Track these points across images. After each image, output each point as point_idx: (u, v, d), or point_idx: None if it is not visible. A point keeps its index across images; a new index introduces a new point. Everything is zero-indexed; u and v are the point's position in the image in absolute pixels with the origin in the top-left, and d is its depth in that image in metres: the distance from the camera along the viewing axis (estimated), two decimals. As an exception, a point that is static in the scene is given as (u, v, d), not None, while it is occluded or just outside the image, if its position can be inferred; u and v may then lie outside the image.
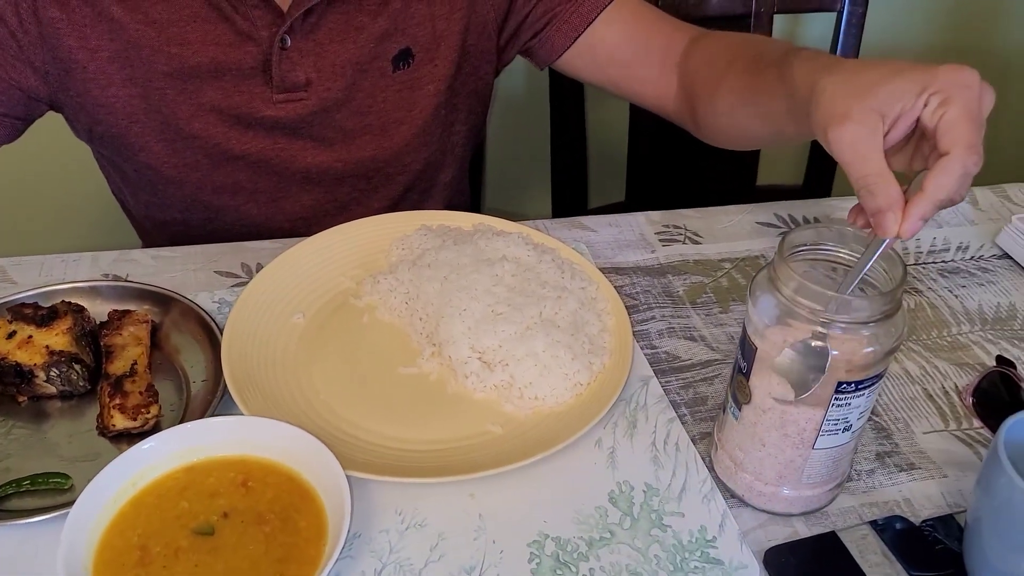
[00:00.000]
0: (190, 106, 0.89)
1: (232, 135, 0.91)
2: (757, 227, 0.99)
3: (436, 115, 0.99)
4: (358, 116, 0.95)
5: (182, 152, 0.91)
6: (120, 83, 0.87)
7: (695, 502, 0.68)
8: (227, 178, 0.94)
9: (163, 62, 0.86)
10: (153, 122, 0.89)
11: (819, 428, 0.61)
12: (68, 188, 1.54)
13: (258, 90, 0.89)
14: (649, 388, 0.77)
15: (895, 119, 0.60)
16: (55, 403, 0.73)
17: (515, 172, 1.70)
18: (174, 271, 0.88)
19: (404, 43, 0.93)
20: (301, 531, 0.60)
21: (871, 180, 0.58)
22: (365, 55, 0.91)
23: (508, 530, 0.65)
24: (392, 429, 0.72)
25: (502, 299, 0.78)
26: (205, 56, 0.86)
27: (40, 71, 0.86)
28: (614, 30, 0.98)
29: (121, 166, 0.96)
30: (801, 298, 0.58)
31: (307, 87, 0.90)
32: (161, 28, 0.85)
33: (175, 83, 0.87)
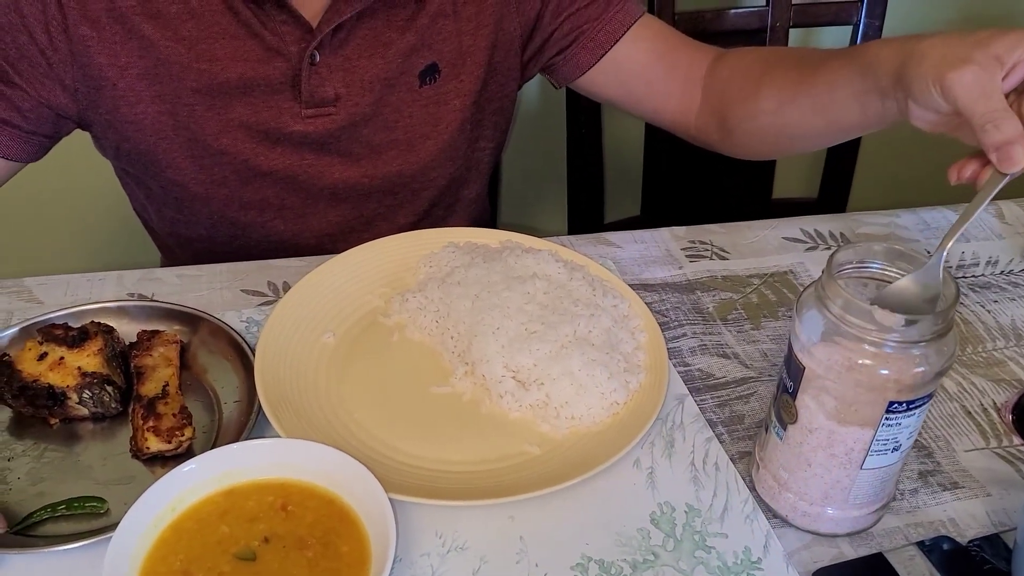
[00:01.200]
0: (218, 122, 0.88)
1: (260, 151, 0.91)
2: (784, 242, 0.98)
3: (462, 130, 0.98)
4: (385, 131, 0.94)
5: (210, 168, 0.91)
6: (149, 100, 0.86)
7: (738, 523, 0.67)
8: (255, 194, 0.94)
9: (192, 78, 0.86)
10: (181, 139, 0.89)
11: (868, 448, 0.60)
12: (88, 206, 1.54)
13: (287, 105, 0.89)
14: (685, 407, 0.76)
15: (1012, 67, 0.63)
16: (87, 425, 0.72)
17: (530, 186, 1.70)
18: (200, 290, 0.87)
19: (431, 58, 0.93)
20: (343, 556, 0.59)
21: (997, 115, 0.61)
22: (393, 70, 0.91)
23: (550, 553, 0.64)
24: (428, 450, 0.71)
25: (535, 317, 0.77)
26: (234, 72, 0.86)
27: (69, 89, 0.85)
28: (640, 47, 0.98)
29: (147, 183, 0.95)
30: (851, 316, 0.57)
31: (336, 102, 0.90)
32: (191, 45, 0.85)
33: (204, 99, 0.87)
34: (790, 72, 0.86)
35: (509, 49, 0.98)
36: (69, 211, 1.56)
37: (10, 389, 0.70)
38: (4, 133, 0.86)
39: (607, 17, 0.97)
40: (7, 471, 0.67)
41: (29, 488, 0.66)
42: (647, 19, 1.00)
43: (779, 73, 0.88)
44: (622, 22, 0.97)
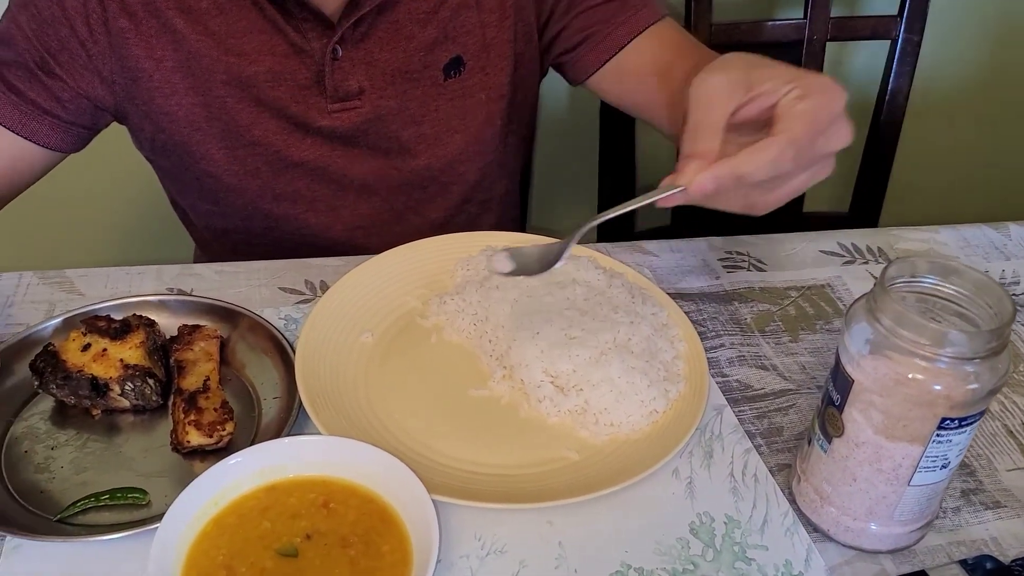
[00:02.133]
0: (250, 114, 0.89)
1: (291, 142, 0.92)
2: (820, 255, 0.98)
3: (490, 124, 0.98)
4: (412, 125, 0.95)
5: (243, 160, 0.92)
6: (183, 92, 0.88)
7: (778, 535, 0.66)
8: (286, 186, 0.94)
9: (222, 71, 0.87)
10: (214, 130, 0.90)
11: (916, 464, 0.60)
12: (126, 200, 1.55)
13: (313, 100, 0.90)
14: (723, 417, 0.76)
15: (758, 95, 0.64)
16: (127, 417, 0.72)
17: (561, 191, 1.70)
18: (239, 286, 0.88)
19: (455, 51, 0.93)
20: (385, 555, 0.59)
21: (702, 127, 0.62)
22: (415, 64, 0.92)
23: (589, 559, 0.64)
24: (466, 452, 0.71)
25: (575, 323, 0.77)
26: (262, 66, 0.87)
27: (107, 80, 0.87)
28: (644, 58, 0.97)
29: (182, 176, 0.96)
30: (904, 330, 0.57)
31: (360, 95, 0.90)
32: (220, 39, 0.86)
33: (234, 92, 0.88)
34: None
35: (530, 39, 0.97)
36: (107, 204, 1.57)
37: (54, 379, 0.70)
38: (44, 123, 0.87)
39: (617, 21, 0.96)
40: (51, 459, 0.68)
41: (72, 477, 0.66)
42: (659, 27, 0.97)
43: None
44: (631, 29, 0.96)
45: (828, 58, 1.33)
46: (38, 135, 0.87)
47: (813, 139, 0.63)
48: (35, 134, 0.87)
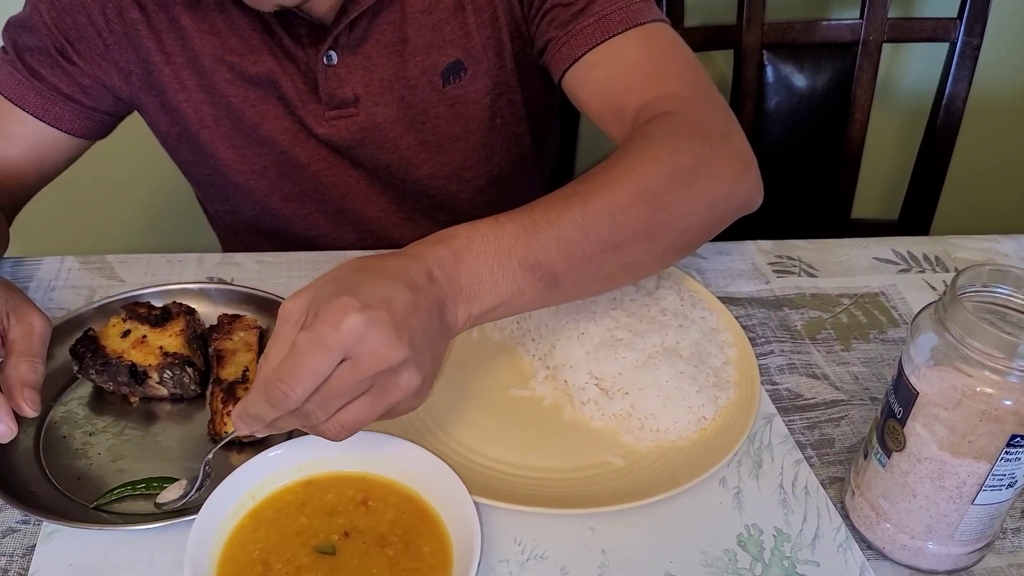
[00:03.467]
0: (255, 113, 0.88)
1: (296, 143, 0.90)
2: (874, 263, 0.95)
3: (494, 128, 0.94)
4: (412, 133, 0.92)
5: (251, 159, 0.91)
6: (192, 88, 0.87)
7: (829, 551, 0.64)
8: (294, 186, 0.93)
9: (225, 71, 0.86)
10: (222, 128, 0.89)
11: (982, 483, 0.57)
12: (167, 187, 1.55)
13: (311, 107, 0.88)
14: (773, 426, 0.73)
15: None
16: (164, 405, 0.72)
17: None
18: (279, 277, 0.87)
19: (453, 55, 0.89)
20: (425, 557, 0.58)
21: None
22: (413, 69, 0.88)
23: (633, 569, 0.62)
24: (507, 453, 0.69)
25: (622, 324, 0.75)
26: (263, 67, 0.86)
27: (124, 71, 0.86)
28: (599, 78, 0.84)
29: (196, 172, 0.96)
30: (973, 340, 0.54)
31: (356, 103, 0.88)
32: (222, 39, 0.85)
33: (237, 90, 0.87)
34: None
35: (523, 36, 0.91)
36: (148, 192, 1.58)
37: (94, 364, 0.70)
38: (67, 109, 0.87)
39: (572, 29, 0.84)
40: (88, 446, 0.67)
41: (109, 464, 0.66)
42: (618, 42, 0.82)
43: None
44: (583, 42, 0.83)
45: (888, 60, 1.30)
46: (61, 121, 0.87)
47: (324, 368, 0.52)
48: (58, 120, 0.86)
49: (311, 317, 0.52)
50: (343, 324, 0.51)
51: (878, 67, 1.29)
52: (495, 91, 0.92)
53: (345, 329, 0.51)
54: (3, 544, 0.61)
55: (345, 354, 0.51)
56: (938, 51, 1.32)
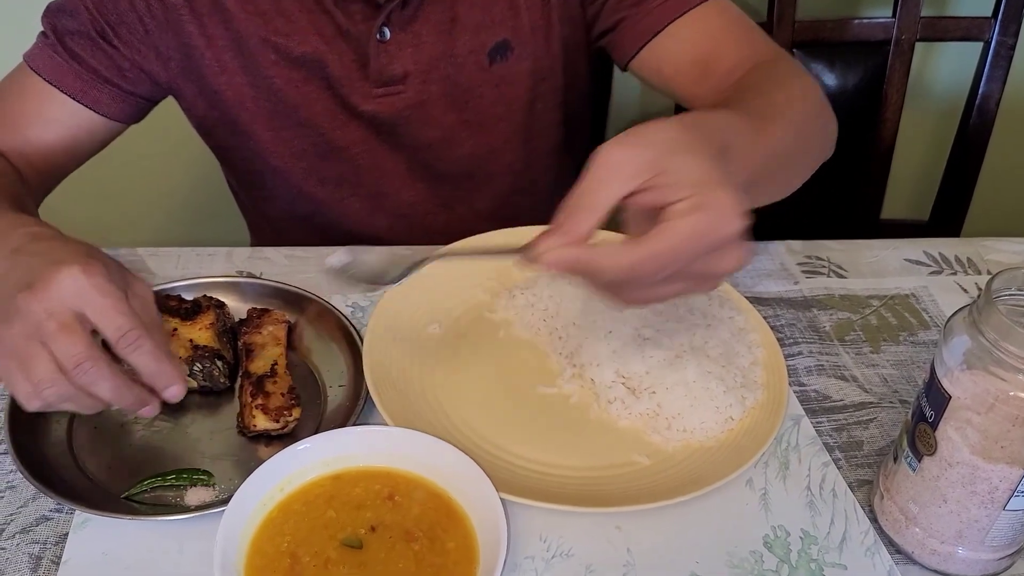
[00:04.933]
0: (296, 95, 0.89)
1: (336, 125, 0.91)
2: (905, 264, 0.94)
3: (533, 110, 0.95)
4: (455, 111, 0.93)
5: (289, 142, 0.92)
6: (233, 71, 0.87)
7: (857, 554, 0.63)
8: (331, 170, 0.94)
9: (270, 51, 0.86)
10: (262, 111, 0.90)
11: (1015, 488, 0.56)
12: (197, 179, 1.57)
13: (358, 84, 0.88)
14: (801, 428, 0.73)
15: (664, 187, 0.54)
16: (194, 398, 0.72)
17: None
18: (307, 271, 0.87)
19: (501, 35, 0.90)
20: (450, 552, 0.58)
21: (583, 205, 0.54)
22: (461, 48, 0.89)
23: (659, 569, 0.62)
24: (533, 451, 0.69)
25: (649, 323, 0.75)
26: (309, 47, 0.86)
27: (163, 56, 0.87)
28: (684, 46, 0.88)
29: (231, 157, 0.96)
30: (1008, 344, 0.53)
31: (404, 80, 0.89)
32: (268, 19, 0.85)
33: (282, 72, 0.87)
34: None
35: (574, 21, 0.93)
36: (178, 184, 1.60)
37: (125, 355, 0.70)
38: (105, 92, 0.87)
39: (647, 6, 0.88)
40: (119, 437, 0.68)
41: (140, 455, 0.67)
42: (703, 11, 0.87)
43: None
44: (663, 15, 0.87)
45: (920, 60, 1.28)
46: (99, 104, 0.87)
47: (689, 258, 0.54)
48: (96, 103, 0.87)
49: (688, 200, 0.53)
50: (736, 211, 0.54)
51: (910, 66, 1.28)
52: (538, 74, 0.93)
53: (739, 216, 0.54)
54: (37, 532, 0.62)
55: None
56: (971, 51, 1.30)
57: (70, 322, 0.57)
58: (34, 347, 0.57)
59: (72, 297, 0.58)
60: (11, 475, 0.65)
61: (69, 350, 0.57)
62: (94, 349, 0.58)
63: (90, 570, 0.59)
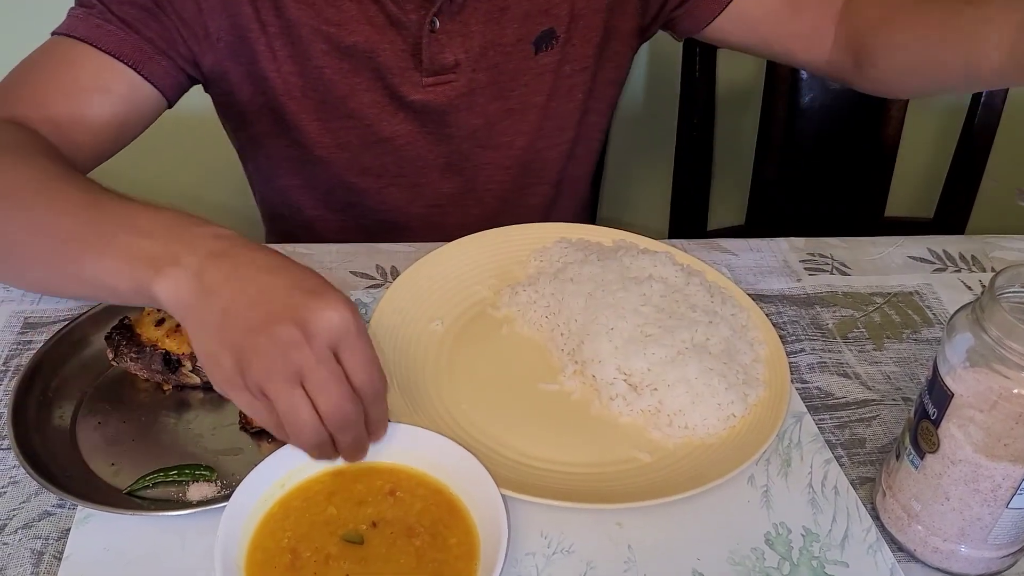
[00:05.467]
0: (346, 86, 0.89)
1: (383, 116, 0.91)
2: (909, 261, 0.93)
3: (570, 99, 0.96)
4: (500, 99, 0.93)
5: (335, 132, 0.92)
6: (283, 59, 0.87)
7: (859, 552, 0.63)
8: (374, 160, 0.94)
9: (321, 41, 0.86)
10: (310, 100, 0.89)
11: (1017, 486, 0.56)
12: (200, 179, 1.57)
13: (408, 73, 0.89)
14: (803, 425, 0.73)
15: None
16: (197, 394, 0.72)
17: (632, 183, 1.67)
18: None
19: (547, 24, 0.91)
20: (451, 548, 0.58)
21: None
22: (509, 36, 0.90)
23: (660, 565, 0.62)
24: (534, 447, 0.69)
25: (651, 320, 0.75)
26: (360, 36, 0.86)
27: (211, 37, 0.85)
28: None
29: (272, 144, 0.95)
30: (1012, 341, 0.53)
31: (456, 69, 0.89)
32: (318, 9, 0.85)
33: (332, 62, 0.87)
34: (936, 8, 0.82)
35: (624, 12, 0.94)
36: (183, 183, 1.60)
37: (128, 352, 0.71)
38: (161, 65, 0.83)
39: None
40: (122, 432, 0.68)
41: (142, 451, 0.67)
42: None
43: (923, 8, 0.83)
44: None
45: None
46: (156, 76, 0.83)
47: None
48: (153, 75, 0.82)
49: None
50: None
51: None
52: (576, 60, 0.94)
53: None
54: (39, 527, 0.62)
55: None
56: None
57: (337, 370, 0.54)
58: (294, 395, 0.54)
59: (337, 338, 0.54)
60: (14, 471, 0.65)
61: (335, 399, 0.54)
62: (354, 396, 0.56)
63: (92, 566, 0.59)
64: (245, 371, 0.54)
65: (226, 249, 0.57)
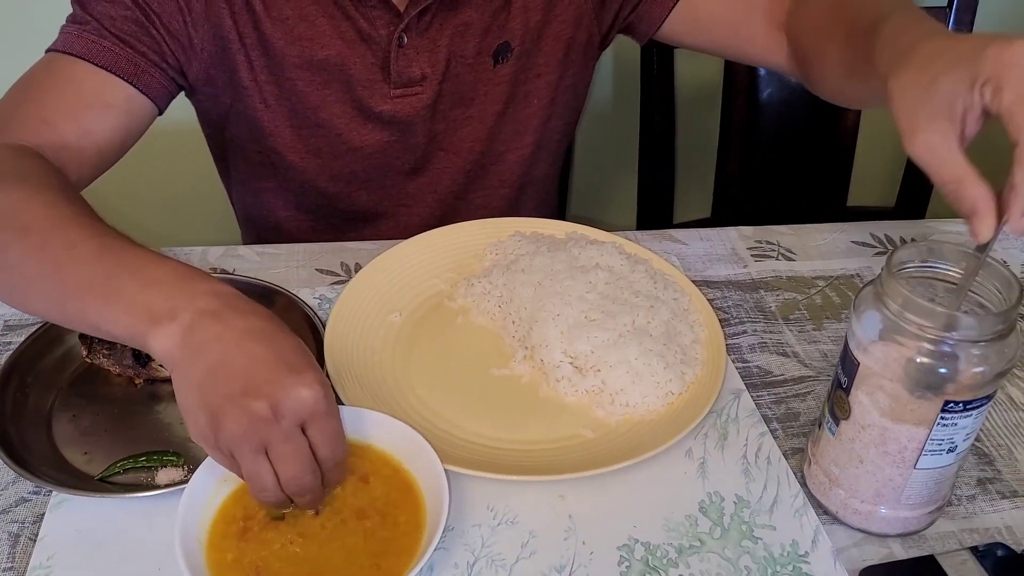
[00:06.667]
0: (318, 97, 0.94)
1: (353, 127, 0.96)
2: (852, 246, 0.98)
3: (529, 106, 1.01)
4: (461, 107, 0.99)
5: (307, 139, 0.96)
6: (260, 69, 0.92)
7: (787, 516, 0.67)
8: (344, 168, 0.99)
9: (294, 55, 0.91)
10: (284, 109, 0.94)
11: (922, 447, 0.60)
12: (175, 184, 1.61)
13: (377, 86, 0.94)
14: (740, 401, 0.77)
15: (962, 117, 0.59)
16: (167, 387, 0.76)
17: (601, 182, 1.71)
18: (278, 267, 0.92)
19: (503, 38, 0.96)
20: (400, 525, 0.62)
21: (952, 187, 0.58)
22: (470, 50, 0.95)
23: (598, 532, 0.66)
24: (485, 428, 0.73)
25: (595, 306, 0.79)
26: (332, 50, 0.91)
27: (195, 48, 0.89)
28: None
29: (248, 148, 1.00)
30: (910, 314, 0.57)
31: (422, 82, 0.94)
32: (291, 25, 0.90)
33: (304, 75, 0.92)
34: (842, 47, 0.83)
35: (580, 24, 1.00)
36: (160, 188, 1.64)
37: (101, 348, 0.75)
38: (156, 76, 0.87)
39: None
40: (95, 424, 0.72)
41: (114, 441, 0.71)
42: None
43: (835, 43, 0.85)
44: None
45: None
46: (151, 88, 0.87)
47: None
48: (148, 87, 0.87)
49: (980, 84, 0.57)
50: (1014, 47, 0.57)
51: (868, 56, 1.31)
52: (534, 70, 1.00)
53: None
54: (16, 512, 0.66)
55: None
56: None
57: (302, 446, 0.58)
58: (259, 462, 0.57)
59: (307, 415, 0.58)
60: (-7, 461, 0.70)
61: (294, 472, 0.58)
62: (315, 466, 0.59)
63: (64, 546, 0.63)
64: (217, 432, 0.57)
65: (219, 309, 0.60)
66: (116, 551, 0.63)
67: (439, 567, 0.63)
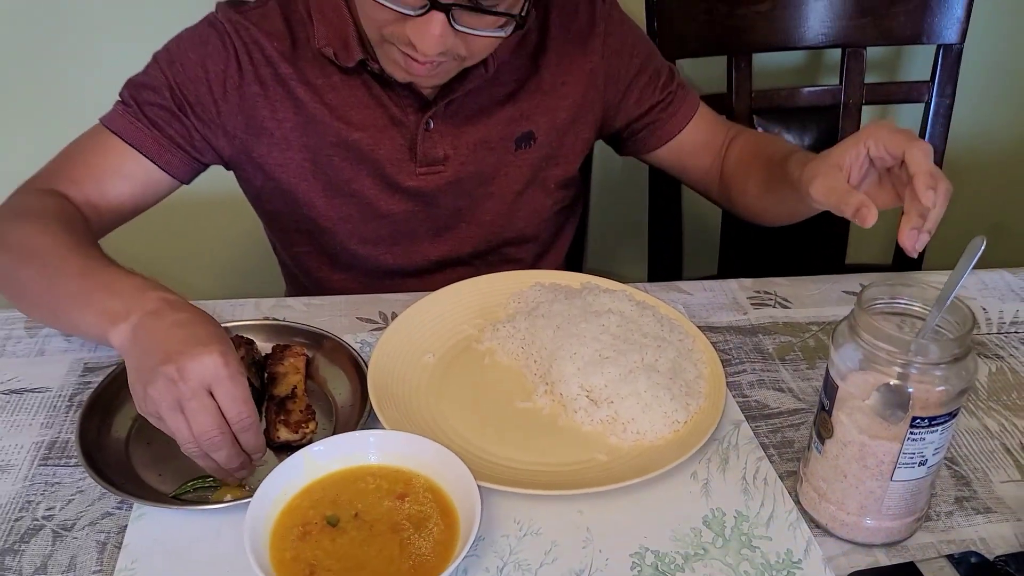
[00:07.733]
0: (350, 171, 1.05)
1: (382, 197, 1.07)
2: (843, 295, 1.07)
3: (544, 185, 1.14)
4: (483, 186, 1.10)
5: (339, 208, 1.08)
6: (297, 148, 1.04)
7: (782, 528, 0.75)
8: (372, 232, 1.10)
9: (332, 135, 1.03)
10: (319, 181, 1.06)
11: (896, 461, 0.68)
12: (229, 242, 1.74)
13: (404, 164, 1.05)
14: (740, 431, 0.86)
15: (850, 167, 0.85)
16: (228, 419, 0.86)
17: (614, 241, 1.83)
18: (323, 316, 1.02)
19: (528, 127, 1.08)
20: (434, 536, 0.70)
21: (842, 197, 0.83)
22: (493, 135, 1.07)
23: (613, 542, 0.74)
24: (511, 452, 0.82)
25: (608, 345, 0.88)
26: (365, 133, 1.03)
27: (230, 135, 1.03)
28: (696, 136, 1.18)
29: (285, 219, 1.12)
30: (881, 343, 0.66)
31: (445, 161, 1.06)
32: (332, 109, 1.02)
33: (340, 152, 1.04)
34: (762, 171, 1.07)
35: (587, 122, 1.13)
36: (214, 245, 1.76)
37: (173, 384, 0.85)
38: (178, 156, 1.03)
39: (675, 110, 1.15)
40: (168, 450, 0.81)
41: (185, 465, 0.80)
42: (700, 108, 1.18)
43: (756, 169, 1.09)
44: (685, 115, 1.16)
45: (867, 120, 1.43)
46: (171, 166, 1.03)
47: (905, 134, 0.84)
48: (169, 164, 1.02)
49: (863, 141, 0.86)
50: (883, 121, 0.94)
51: (859, 126, 1.43)
52: (551, 158, 1.13)
53: None
54: (102, 524, 0.75)
55: None
56: (915, 111, 1.45)
57: (207, 403, 0.72)
58: (176, 418, 0.72)
59: (210, 379, 0.72)
60: (81, 481, 0.79)
61: (204, 426, 0.72)
62: (223, 424, 0.73)
63: (144, 552, 0.72)
64: (146, 399, 0.72)
65: (160, 309, 0.76)
66: (189, 557, 0.72)
67: (472, 570, 0.71)
